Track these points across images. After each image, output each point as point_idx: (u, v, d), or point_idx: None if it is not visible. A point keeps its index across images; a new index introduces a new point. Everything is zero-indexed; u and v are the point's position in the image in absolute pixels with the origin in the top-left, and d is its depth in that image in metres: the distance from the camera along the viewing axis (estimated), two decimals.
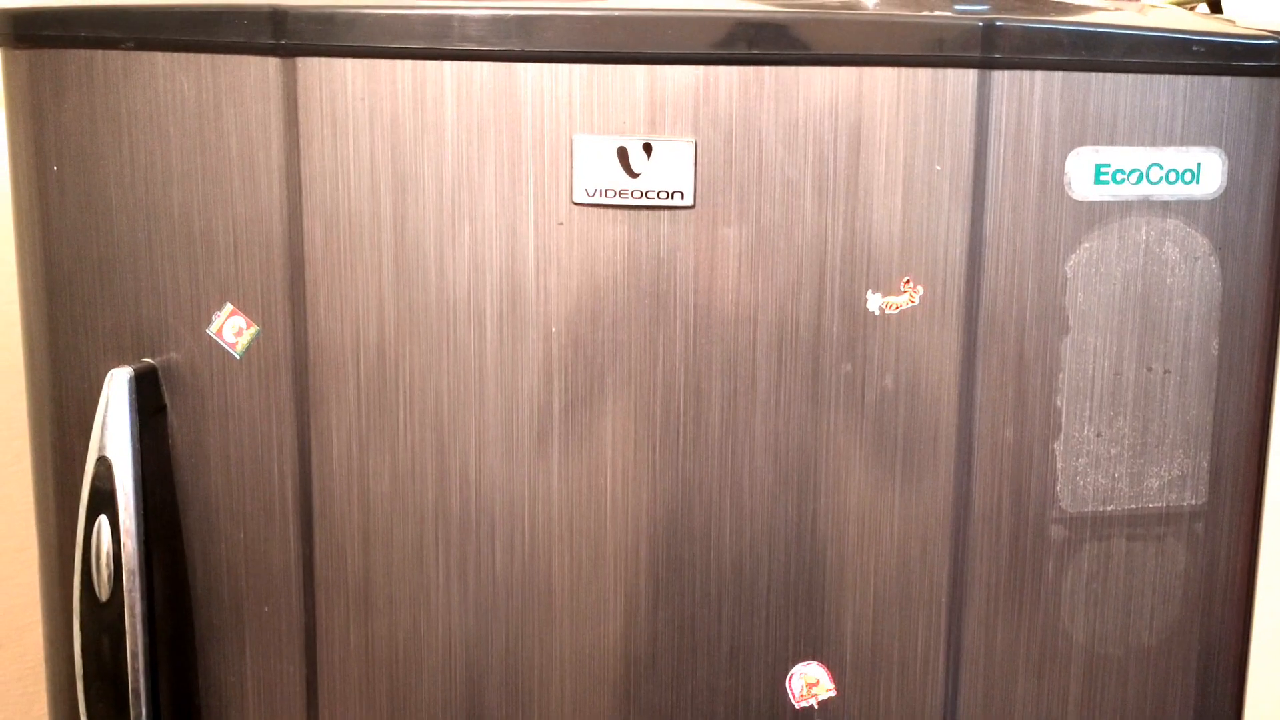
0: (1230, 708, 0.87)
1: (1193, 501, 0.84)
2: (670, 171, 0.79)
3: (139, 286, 0.85)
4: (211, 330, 0.84)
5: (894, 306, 0.81)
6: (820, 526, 0.84)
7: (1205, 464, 0.84)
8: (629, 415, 0.83)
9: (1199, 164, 0.80)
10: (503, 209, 0.81)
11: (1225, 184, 0.81)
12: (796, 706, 0.85)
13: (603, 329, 0.82)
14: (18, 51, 0.85)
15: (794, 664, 0.85)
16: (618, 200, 0.80)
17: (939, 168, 0.79)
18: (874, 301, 0.81)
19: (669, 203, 0.80)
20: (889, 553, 0.84)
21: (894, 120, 0.79)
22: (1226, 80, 0.80)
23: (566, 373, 0.82)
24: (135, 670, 0.84)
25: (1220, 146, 0.80)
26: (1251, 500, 0.85)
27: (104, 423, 0.83)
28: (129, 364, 0.84)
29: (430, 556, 0.85)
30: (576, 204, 0.80)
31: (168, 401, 0.86)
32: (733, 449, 0.83)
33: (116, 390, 0.83)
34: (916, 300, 0.81)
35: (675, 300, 0.81)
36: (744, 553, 0.84)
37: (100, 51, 0.83)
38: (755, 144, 0.79)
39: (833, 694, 0.85)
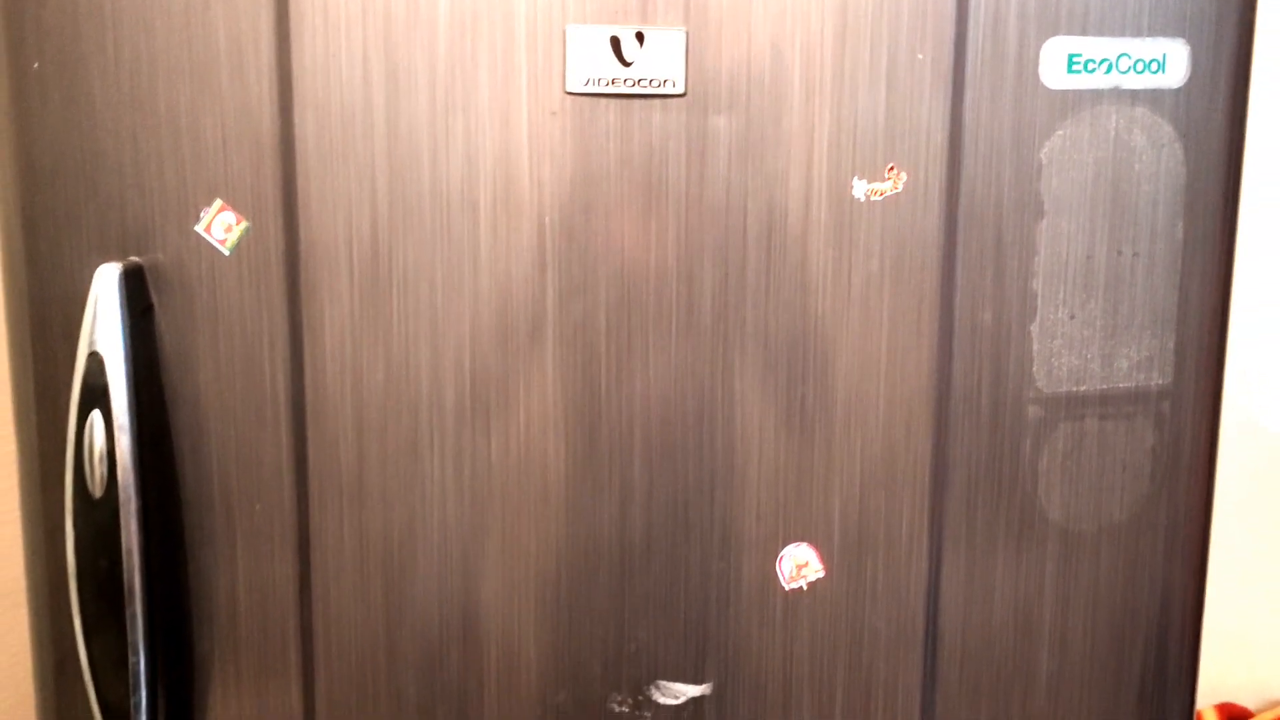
0: (1194, 579, 0.92)
1: (1159, 381, 0.88)
2: (662, 60, 0.81)
3: (124, 185, 0.84)
4: (200, 227, 0.84)
5: (879, 193, 0.83)
6: (808, 410, 0.86)
7: (1171, 345, 0.88)
8: (622, 303, 0.84)
9: (1164, 54, 0.84)
10: (496, 100, 0.82)
11: (1189, 74, 0.85)
12: (787, 588, 0.88)
13: (596, 218, 0.83)
14: None
15: (784, 546, 0.87)
16: (610, 89, 0.81)
17: (921, 57, 0.82)
18: (860, 188, 0.83)
19: (661, 91, 0.81)
20: (874, 435, 0.87)
21: (878, 10, 0.82)
22: None
23: (560, 262, 0.84)
24: (130, 568, 0.83)
25: (1184, 38, 0.84)
26: (1213, 379, 0.89)
27: (94, 318, 0.82)
28: (115, 262, 0.84)
29: (425, 448, 0.86)
30: (569, 94, 0.82)
31: (155, 300, 0.85)
32: (724, 335, 0.85)
33: (106, 285, 0.82)
34: (900, 187, 0.83)
35: (667, 189, 0.83)
36: (735, 438, 0.86)
37: None
38: (745, 33, 0.81)
39: (822, 574, 0.88)
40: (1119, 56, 0.83)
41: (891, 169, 0.83)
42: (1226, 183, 0.87)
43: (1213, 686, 1.65)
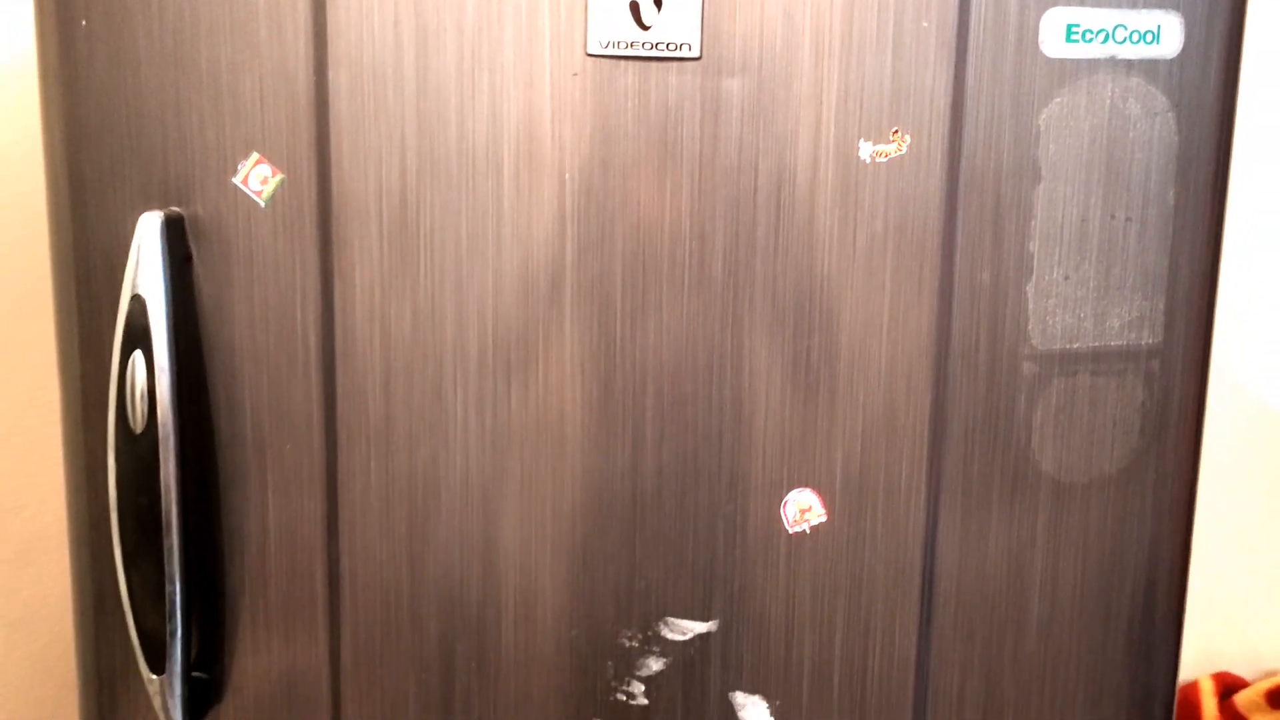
0: (1182, 532, 0.96)
1: (1150, 340, 0.92)
2: (679, 24, 0.85)
3: (166, 139, 0.89)
4: (237, 179, 0.89)
5: (884, 155, 0.87)
6: (813, 364, 0.90)
7: (1161, 306, 0.92)
8: (637, 259, 0.88)
9: (1159, 25, 0.88)
10: (520, 61, 0.86)
11: (1183, 45, 0.89)
12: (790, 531, 0.92)
13: (614, 176, 0.87)
14: None
15: (788, 492, 0.92)
16: (629, 52, 0.85)
17: (926, 24, 0.86)
18: (865, 150, 0.87)
19: (677, 54, 0.85)
20: (876, 388, 0.91)
21: None
22: None
23: (579, 219, 0.88)
24: (168, 501, 0.88)
25: (1178, 10, 0.88)
26: (1201, 339, 0.93)
27: (137, 263, 0.87)
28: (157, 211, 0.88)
29: (449, 395, 0.90)
30: (590, 55, 0.86)
31: (193, 251, 0.90)
32: (734, 291, 0.89)
33: (149, 232, 0.87)
34: (904, 149, 0.87)
35: (682, 149, 0.87)
36: (743, 389, 0.90)
37: None
38: None
39: (824, 519, 0.92)
40: (1115, 27, 0.87)
41: (896, 132, 0.87)
42: (1217, 151, 0.91)
43: (1208, 656, 1.69)
